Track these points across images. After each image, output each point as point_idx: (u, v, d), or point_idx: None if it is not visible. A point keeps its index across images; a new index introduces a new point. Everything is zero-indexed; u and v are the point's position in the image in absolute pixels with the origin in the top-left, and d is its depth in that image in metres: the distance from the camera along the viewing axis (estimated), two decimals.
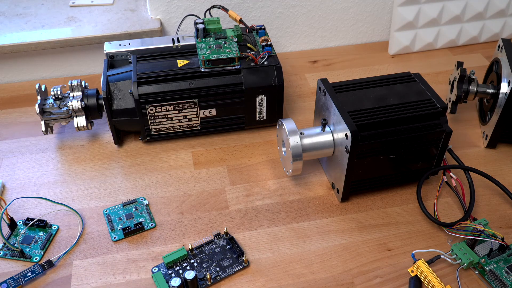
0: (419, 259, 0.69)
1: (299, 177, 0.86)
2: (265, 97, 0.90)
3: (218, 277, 0.70)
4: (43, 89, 0.88)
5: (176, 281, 0.66)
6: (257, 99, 0.90)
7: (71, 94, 0.88)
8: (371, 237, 0.76)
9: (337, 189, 0.80)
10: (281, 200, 0.82)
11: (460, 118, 0.98)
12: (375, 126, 0.75)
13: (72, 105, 0.87)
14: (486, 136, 0.91)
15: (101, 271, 0.71)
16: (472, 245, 0.71)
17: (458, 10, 1.14)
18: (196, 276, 0.67)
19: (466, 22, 1.17)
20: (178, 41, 0.95)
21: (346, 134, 0.73)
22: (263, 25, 0.96)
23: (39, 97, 0.87)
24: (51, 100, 0.88)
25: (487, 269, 0.70)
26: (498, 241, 0.70)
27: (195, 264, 0.71)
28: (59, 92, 0.88)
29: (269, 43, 0.91)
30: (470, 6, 1.14)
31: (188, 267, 0.71)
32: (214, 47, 0.88)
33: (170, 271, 0.70)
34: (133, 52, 0.93)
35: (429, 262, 0.70)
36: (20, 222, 0.77)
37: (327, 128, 0.80)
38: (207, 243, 0.74)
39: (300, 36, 1.18)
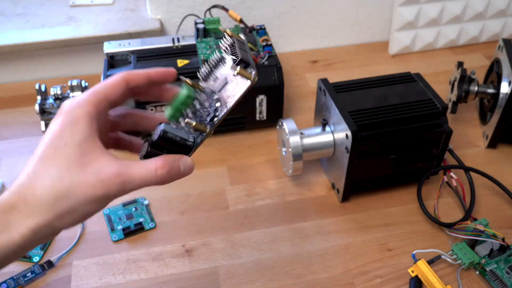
0: (420, 259, 0.69)
1: (299, 177, 0.86)
2: (265, 97, 0.90)
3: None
4: (43, 89, 0.88)
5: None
6: (257, 99, 0.90)
7: (71, 94, 0.88)
8: (371, 237, 0.76)
9: (337, 189, 0.80)
10: (282, 200, 0.82)
11: (461, 118, 0.98)
12: (375, 126, 0.75)
13: None
14: (487, 136, 0.91)
15: (101, 271, 0.71)
16: (472, 245, 0.71)
17: (458, 10, 1.14)
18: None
19: (467, 22, 1.17)
20: (178, 41, 0.95)
21: (346, 134, 0.73)
22: (263, 25, 0.96)
23: (39, 97, 0.87)
24: (51, 100, 0.88)
25: (487, 269, 0.70)
26: (499, 241, 0.70)
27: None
28: (59, 92, 0.88)
29: (269, 43, 0.91)
30: (470, 6, 1.14)
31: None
32: (214, 47, 0.87)
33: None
34: (133, 52, 0.93)
35: (430, 262, 0.70)
36: None
37: (327, 128, 0.79)
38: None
39: (300, 36, 1.18)
